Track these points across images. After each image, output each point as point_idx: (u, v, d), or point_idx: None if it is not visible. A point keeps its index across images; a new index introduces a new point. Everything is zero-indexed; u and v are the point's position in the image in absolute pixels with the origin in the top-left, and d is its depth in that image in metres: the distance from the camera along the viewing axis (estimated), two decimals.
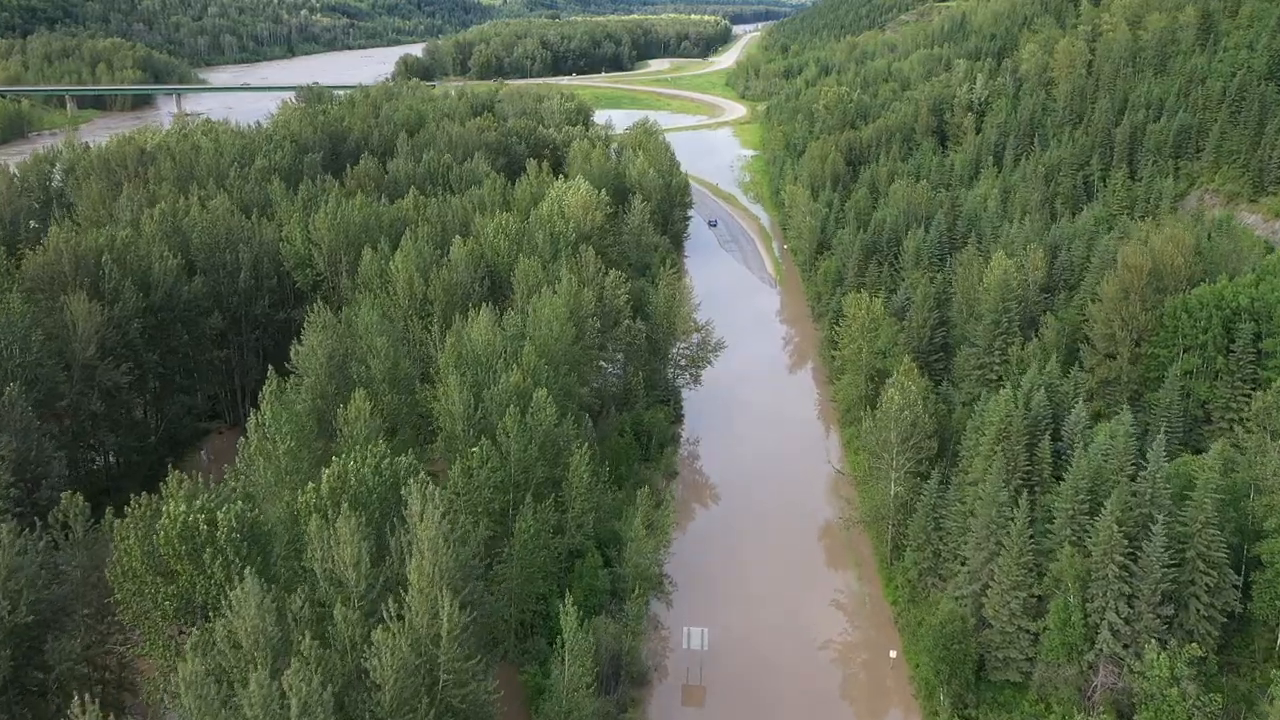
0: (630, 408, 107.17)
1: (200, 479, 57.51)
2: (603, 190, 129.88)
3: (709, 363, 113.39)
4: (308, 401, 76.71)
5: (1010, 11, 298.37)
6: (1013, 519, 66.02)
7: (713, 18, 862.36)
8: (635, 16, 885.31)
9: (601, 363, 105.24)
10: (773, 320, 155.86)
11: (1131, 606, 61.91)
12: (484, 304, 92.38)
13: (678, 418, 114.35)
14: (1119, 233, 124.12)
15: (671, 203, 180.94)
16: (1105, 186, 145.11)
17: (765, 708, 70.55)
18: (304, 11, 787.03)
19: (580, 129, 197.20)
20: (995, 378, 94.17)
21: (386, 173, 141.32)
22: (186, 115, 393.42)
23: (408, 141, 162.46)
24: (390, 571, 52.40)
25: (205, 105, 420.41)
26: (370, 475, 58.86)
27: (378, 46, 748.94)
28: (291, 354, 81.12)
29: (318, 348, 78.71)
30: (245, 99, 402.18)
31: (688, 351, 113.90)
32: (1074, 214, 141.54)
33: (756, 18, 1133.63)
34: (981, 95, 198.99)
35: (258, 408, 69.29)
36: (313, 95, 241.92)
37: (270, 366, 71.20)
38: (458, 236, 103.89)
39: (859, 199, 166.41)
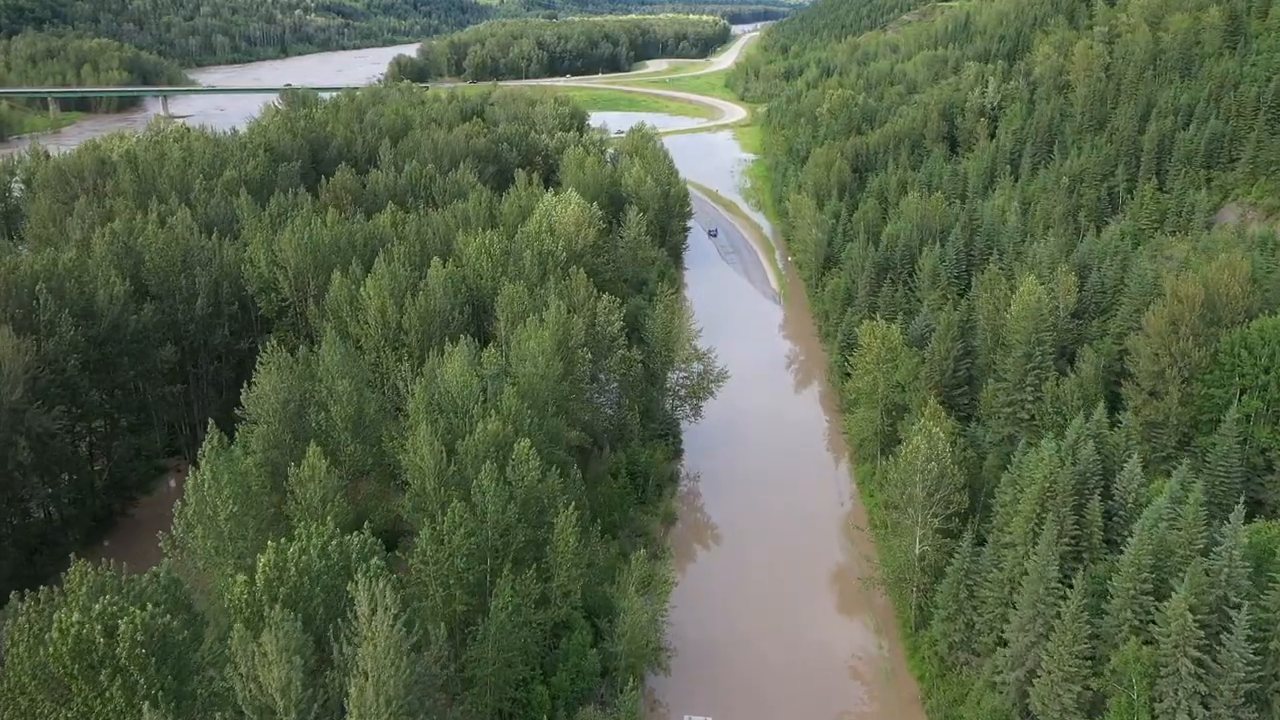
0: (625, 444, 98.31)
1: (114, 567, 48.44)
2: (595, 204, 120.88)
3: (710, 394, 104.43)
4: (259, 454, 67.75)
5: (1018, 12, 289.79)
6: (1065, 598, 57.18)
7: (711, 18, 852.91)
8: (633, 16, 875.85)
9: (594, 395, 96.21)
10: (777, 339, 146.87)
11: (1208, 708, 53.01)
12: (464, 335, 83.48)
13: (676, 452, 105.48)
14: (1152, 251, 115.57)
15: (670, 213, 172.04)
16: (1132, 198, 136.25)
17: None
18: (298, 11, 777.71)
19: (574, 135, 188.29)
20: (1028, 416, 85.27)
21: (365, 185, 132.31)
22: (172, 118, 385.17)
23: (391, 150, 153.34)
24: (332, 690, 43.42)
25: (196, 106, 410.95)
26: (316, 560, 49.87)
27: (373, 47, 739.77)
28: (242, 398, 72.10)
29: (271, 392, 69.69)
30: (236, 100, 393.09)
31: (687, 381, 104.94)
32: (1099, 228, 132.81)
33: (755, 17, 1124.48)
34: (994, 99, 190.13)
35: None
36: (296, 98, 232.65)
37: (211, 420, 62.15)
38: (436, 259, 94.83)
39: (868, 210, 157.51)
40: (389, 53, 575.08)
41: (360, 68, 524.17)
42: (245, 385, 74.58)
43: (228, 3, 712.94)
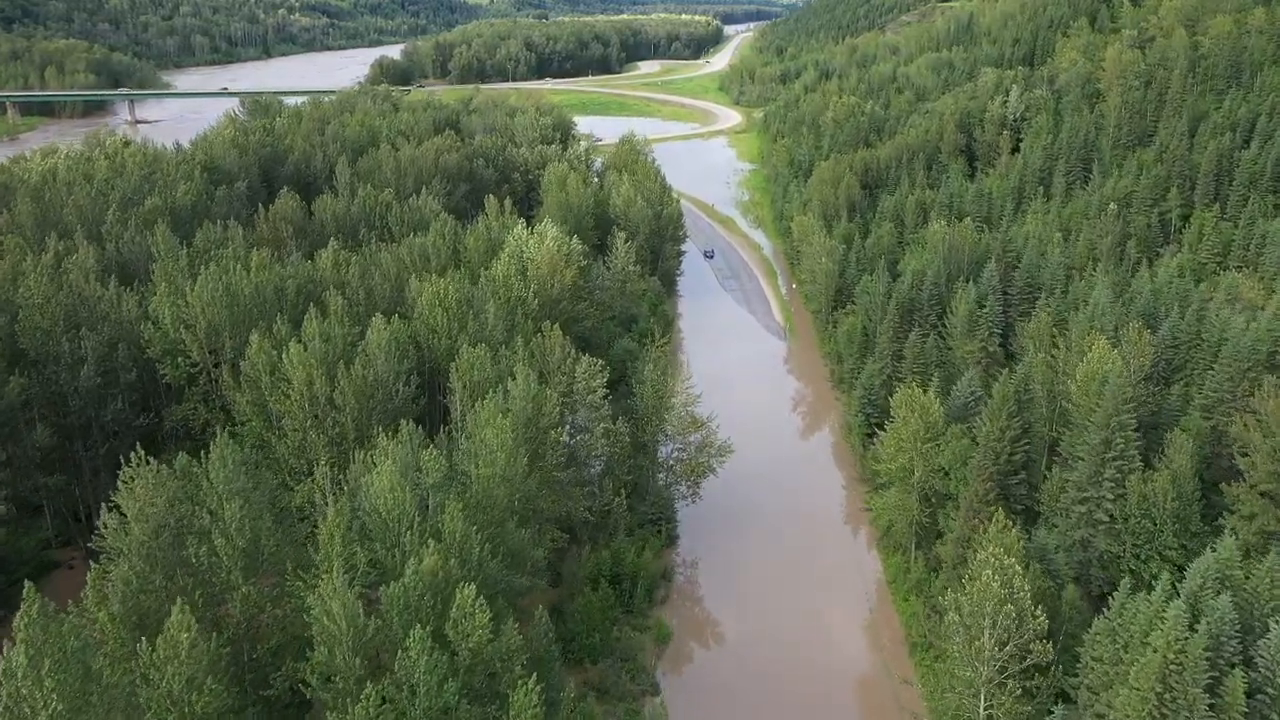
0: (610, 537, 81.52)
1: None
2: (575, 237, 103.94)
3: (712, 471, 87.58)
4: (117, 606, 50.82)
5: (1031, 13, 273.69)
6: None
7: (704, 18, 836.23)
8: (624, 17, 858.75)
9: (571, 481, 79.23)
10: (783, 382, 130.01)
11: None
12: (406, 422, 66.53)
13: (671, 539, 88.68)
14: (1226, 293, 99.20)
15: (662, 236, 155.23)
16: (1188, 226, 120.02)
17: None
18: (281, 11, 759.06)
19: (557, 148, 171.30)
20: (1107, 518, 68.63)
21: (311, 213, 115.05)
22: (139, 123, 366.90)
23: (349, 169, 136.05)
24: None
25: (170, 110, 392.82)
26: None
27: (359, 47, 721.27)
28: (100, 525, 54.96)
29: (135, 521, 52.68)
30: (214, 104, 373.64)
31: (683, 455, 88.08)
32: (1151, 261, 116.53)
33: (748, 17, 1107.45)
34: (1017, 110, 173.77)
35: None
36: (258, 106, 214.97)
37: (29, 582, 45.03)
38: (378, 316, 77.73)
39: (882, 236, 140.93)
40: (375, 53, 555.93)
41: (346, 69, 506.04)
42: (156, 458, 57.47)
43: (208, 2, 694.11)
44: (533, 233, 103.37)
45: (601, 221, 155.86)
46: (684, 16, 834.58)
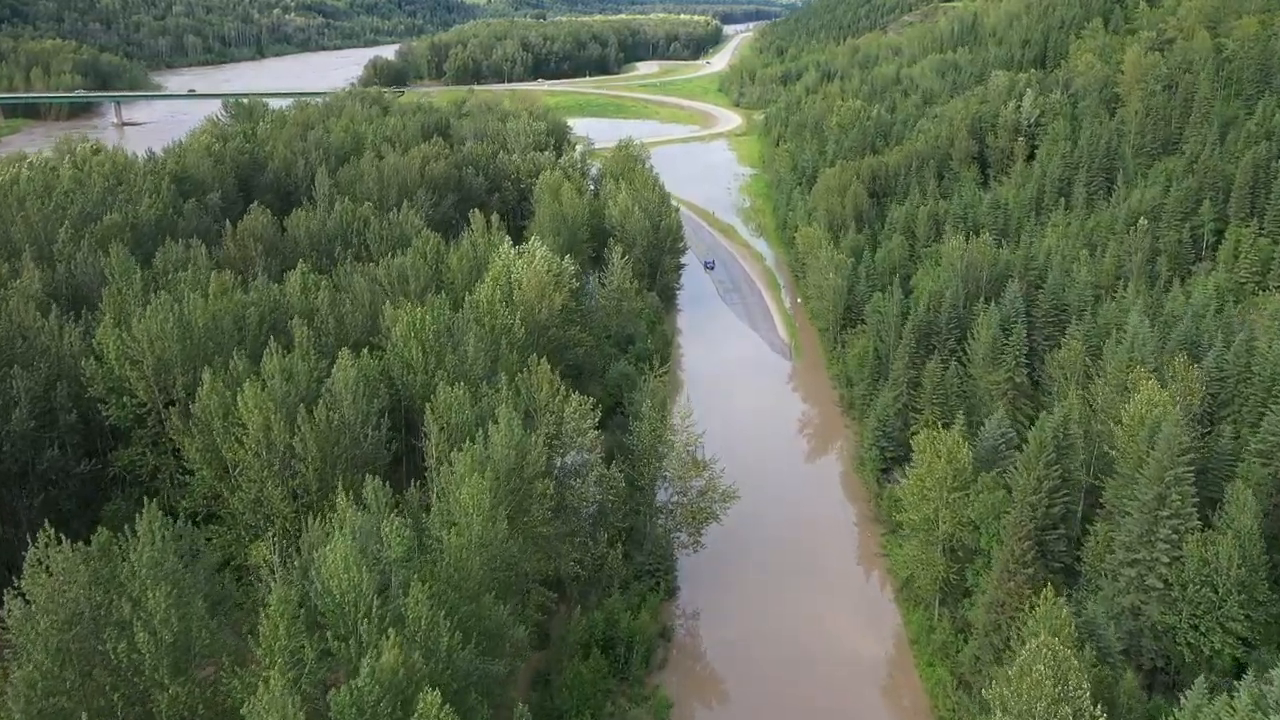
0: (603, 594, 73.90)
1: None
2: (566, 256, 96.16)
3: (716, 519, 79.86)
4: (19, 716, 43.14)
5: (1039, 13, 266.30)
6: None
7: (703, 18, 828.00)
8: (623, 16, 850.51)
9: (559, 532, 71.53)
10: (789, 405, 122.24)
11: None
12: (372, 478, 58.85)
13: (670, 591, 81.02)
14: (1270, 318, 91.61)
15: (661, 248, 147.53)
16: (1222, 242, 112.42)
17: None
18: (276, 10, 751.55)
19: (550, 155, 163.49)
20: (1161, 584, 61.00)
21: (284, 230, 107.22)
22: (125, 125, 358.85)
23: (329, 179, 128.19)
24: None
25: (159, 112, 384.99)
26: None
27: (355, 47, 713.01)
28: (5, 615, 47.22)
29: (43, 611, 44.97)
30: (205, 105, 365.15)
31: (684, 501, 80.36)
32: (1183, 279, 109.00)
33: (747, 17, 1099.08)
34: (1031, 115, 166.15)
35: None
36: (241, 109, 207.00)
37: None
38: (345, 351, 69.97)
39: (893, 250, 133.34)
40: (371, 54, 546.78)
41: (340, 69, 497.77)
42: (102, 508, 49.79)
43: (202, 2, 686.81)
44: (520, 252, 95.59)
45: (597, 233, 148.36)
46: (683, 16, 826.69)
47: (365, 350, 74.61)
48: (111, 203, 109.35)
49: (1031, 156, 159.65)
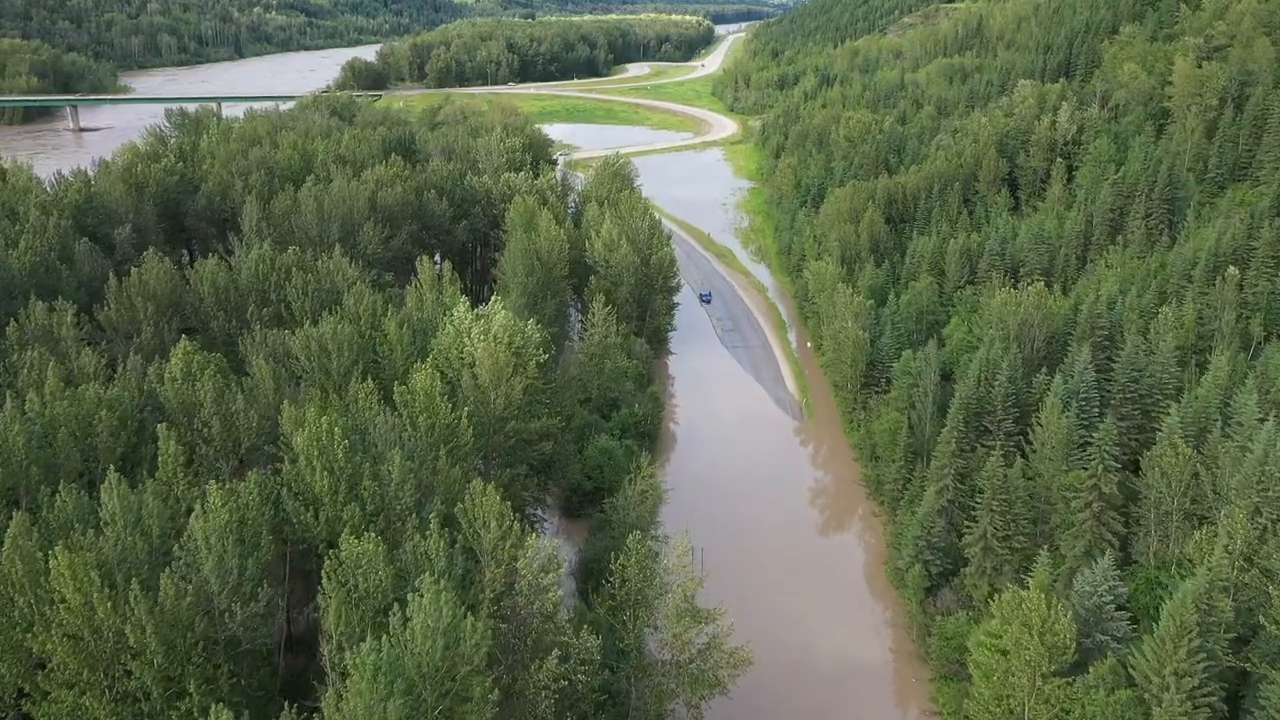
0: None
1: None
2: (532, 322, 76.58)
3: (724, 688, 60.55)
4: None
5: (1051, 14, 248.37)
6: None
7: (694, 18, 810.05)
8: (613, 17, 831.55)
9: None
10: (801, 486, 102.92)
11: None
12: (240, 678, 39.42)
13: None
14: None
15: (651, 287, 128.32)
16: None
17: None
18: (257, 9, 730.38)
19: (526, 175, 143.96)
20: None
21: (187, 282, 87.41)
22: (83, 131, 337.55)
23: (258, 211, 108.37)
24: None
25: (124, 118, 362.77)
26: None
27: (338, 47, 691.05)
28: None
29: None
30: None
31: (681, 659, 61.02)
32: None
33: (739, 17, 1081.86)
34: (1069, 131, 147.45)
35: None
36: (186, 120, 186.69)
37: None
38: (212, 484, 50.57)
39: (921, 292, 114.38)
40: (355, 54, 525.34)
41: (322, 70, 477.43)
42: None
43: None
44: (478, 315, 76.08)
45: (578, 268, 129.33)
46: (674, 17, 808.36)
47: (256, 473, 55.15)
48: None
49: (1070, 179, 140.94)
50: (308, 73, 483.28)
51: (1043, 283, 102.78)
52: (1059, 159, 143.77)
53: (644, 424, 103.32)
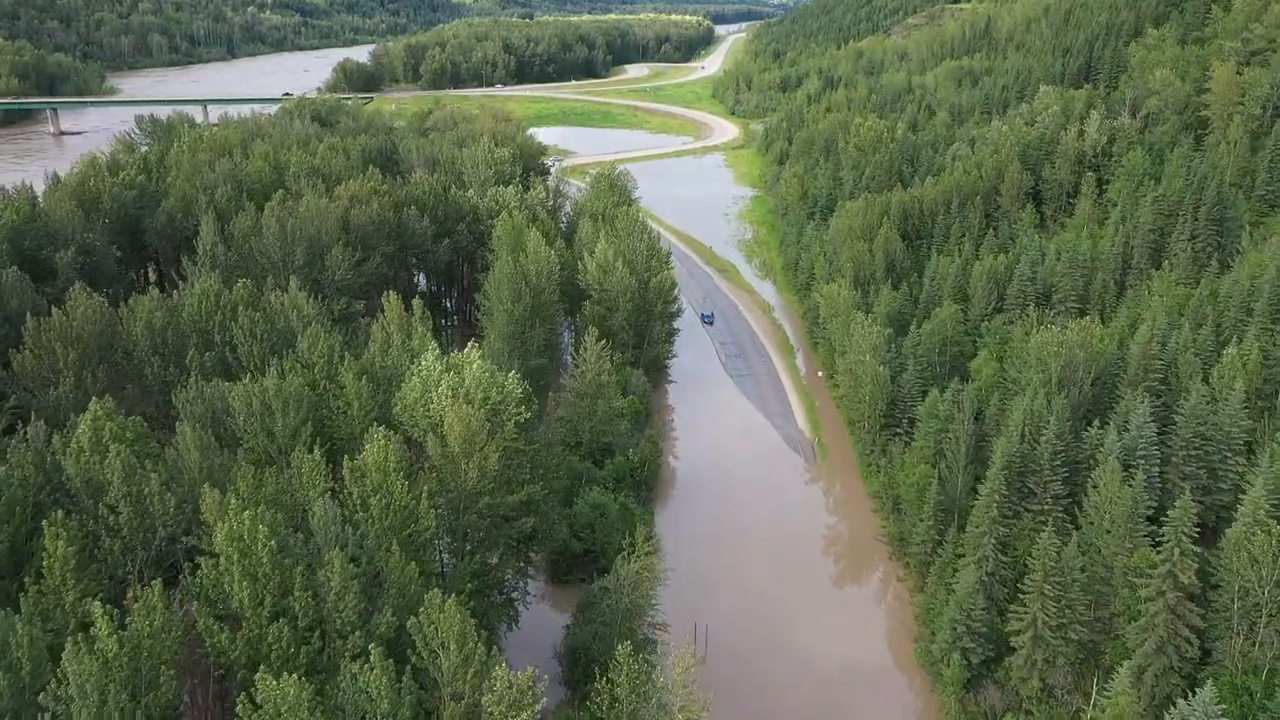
0: None
1: None
2: (513, 375, 66.28)
3: None
4: None
5: (1063, 16, 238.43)
6: None
7: (694, 18, 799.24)
8: (612, 17, 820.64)
9: None
10: (815, 539, 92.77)
11: None
12: None
13: None
14: None
15: (650, 313, 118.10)
16: None
17: None
18: (251, 9, 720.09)
19: (515, 189, 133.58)
20: None
21: (119, 321, 76.93)
22: (63, 135, 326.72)
23: (215, 230, 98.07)
24: None
25: (111, 120, 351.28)
26: None
27: (333, 47, 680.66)
28: None
29: None
30: (163, 111, 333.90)
31: None
32: None
33: (739, 17, 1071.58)
34: (1098, 143, 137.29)
35: None
36: (158, 128, 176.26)
37: None
38: (96, 607, 40.34)
39: (945, 322, 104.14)
40: (351, 54, 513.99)
41: (317, 71, 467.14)
42: None
43: None
44: (449, 366, 65.78)
45: (570, 290, 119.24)
46: (673, 17, 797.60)
47: (160, 584, 44.84)
48: None
49: (1101, 194, 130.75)
50: (302, 73, 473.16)
51: (1083, 315, 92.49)
52: (1088, 172, 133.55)
53: (641, 471, 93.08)
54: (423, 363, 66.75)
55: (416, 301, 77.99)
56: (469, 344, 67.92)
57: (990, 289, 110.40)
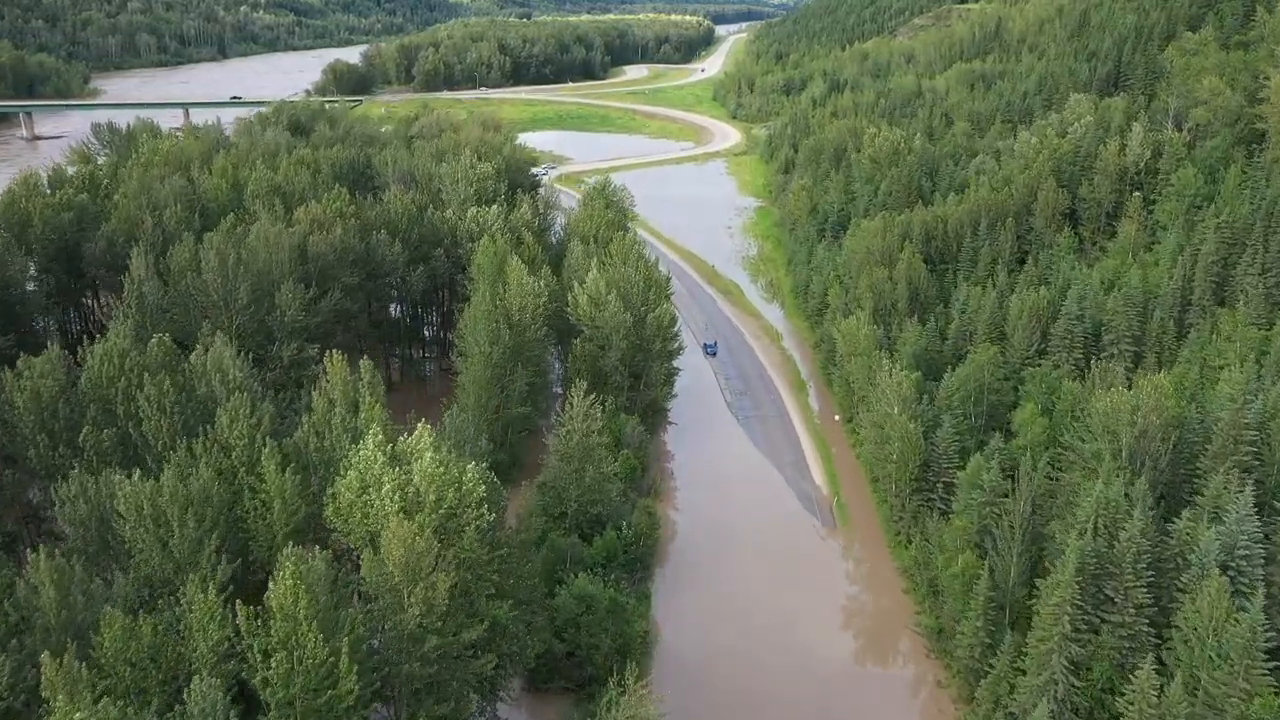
0: None
1: None
2: (471, 467, 53.36)
3: None
4: None
5: (1078, 18, 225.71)
6: None
7: (694, 18, 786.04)
8: (610, 17, 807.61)
9: None
10: (843, 640, 79.89)
11: None
12: None
13: None
14: None
15: (647, 351, 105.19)
16: None
17: None
18: (243, 8, 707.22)
19: (499, 209, 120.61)
20: None
21: (20, 381, 63.78)
22: (38, 139, 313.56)
23: (147, 264, 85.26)
24: None
25: (100, 119, 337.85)
26: None
27: (328, 47, 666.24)
28: None
29: None
30: (154, 114, 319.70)
31: None
32: None
33: (739, 17, 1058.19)
34: (1141, 157, 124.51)
35: None
36: (116, 137, 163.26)
37: None
38: None
39: (982, 366, 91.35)
40: (345, 55, 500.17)
41: (310, 72, 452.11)
42: None
43: None
44: (391, 458, 52.96)
45: (559, 324, 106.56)
46: (673, 17, 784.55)
47: None
48: None
49: (1149, 213, 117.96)
50: (295, 74, 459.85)
51: (1138, 359, 79.87)
52: (1132, 191, 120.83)
53: (636, 548, 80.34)
54: (365, 446, 53.86)
55: (365, 362, 64.98)
56: (418, 427, 54.84)
57: (1032, 328, 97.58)
